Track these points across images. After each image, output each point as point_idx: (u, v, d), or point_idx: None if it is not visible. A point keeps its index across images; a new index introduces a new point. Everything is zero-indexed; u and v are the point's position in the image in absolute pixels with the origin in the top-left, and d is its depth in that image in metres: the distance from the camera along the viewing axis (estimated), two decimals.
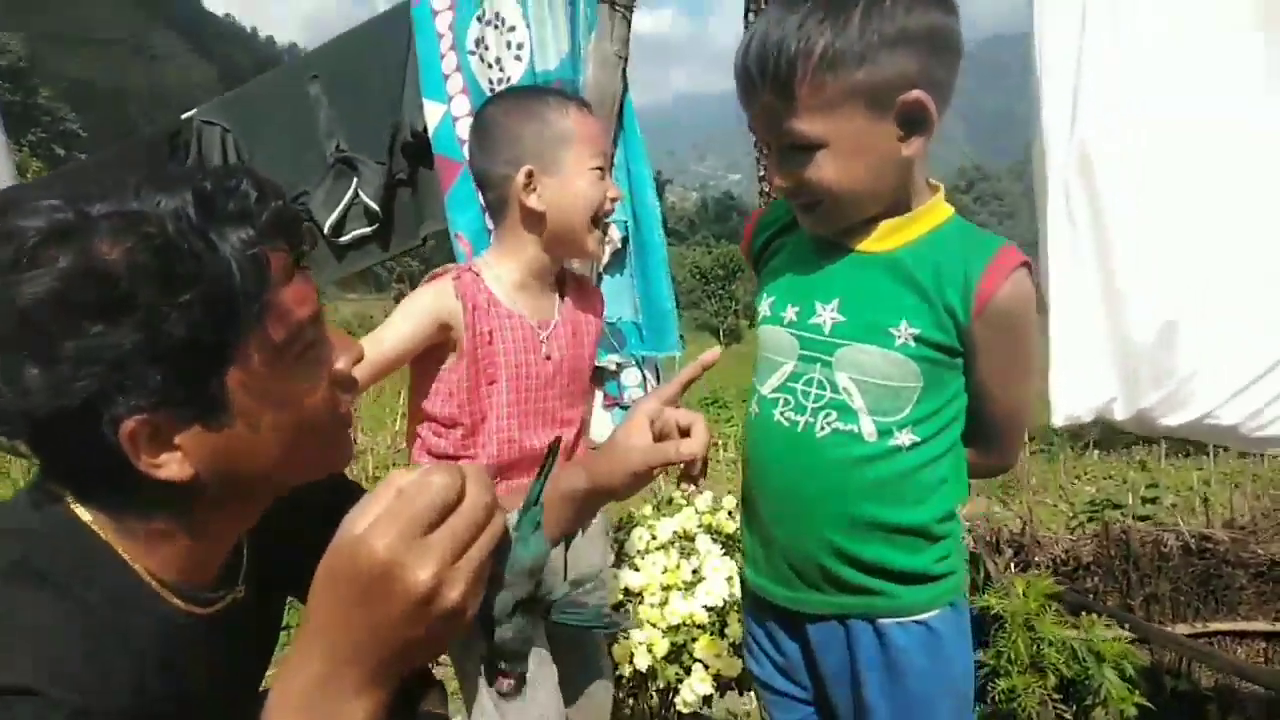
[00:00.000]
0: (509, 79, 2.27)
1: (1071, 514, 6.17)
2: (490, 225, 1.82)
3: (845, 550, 1.21)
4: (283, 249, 0.77)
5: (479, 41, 2.30)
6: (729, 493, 2.79)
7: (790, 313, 1.24)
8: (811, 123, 1.09)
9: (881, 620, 1.24)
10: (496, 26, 2.26)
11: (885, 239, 1.18)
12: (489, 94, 2.30)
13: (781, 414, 1.24)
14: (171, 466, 0.73)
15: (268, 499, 0.87)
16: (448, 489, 0.62)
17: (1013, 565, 3.73)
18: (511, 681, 0.82)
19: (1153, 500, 6.40)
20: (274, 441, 0.78)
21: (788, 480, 1.25)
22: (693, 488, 1.05)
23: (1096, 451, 7.93)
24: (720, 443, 11.23)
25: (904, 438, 1.18)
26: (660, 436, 1.04)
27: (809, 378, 1.21)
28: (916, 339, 1.14)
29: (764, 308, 1.29)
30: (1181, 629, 3.60)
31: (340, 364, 0.86)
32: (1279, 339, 1.82)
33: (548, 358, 1.58)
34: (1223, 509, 5.63)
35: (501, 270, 1.56)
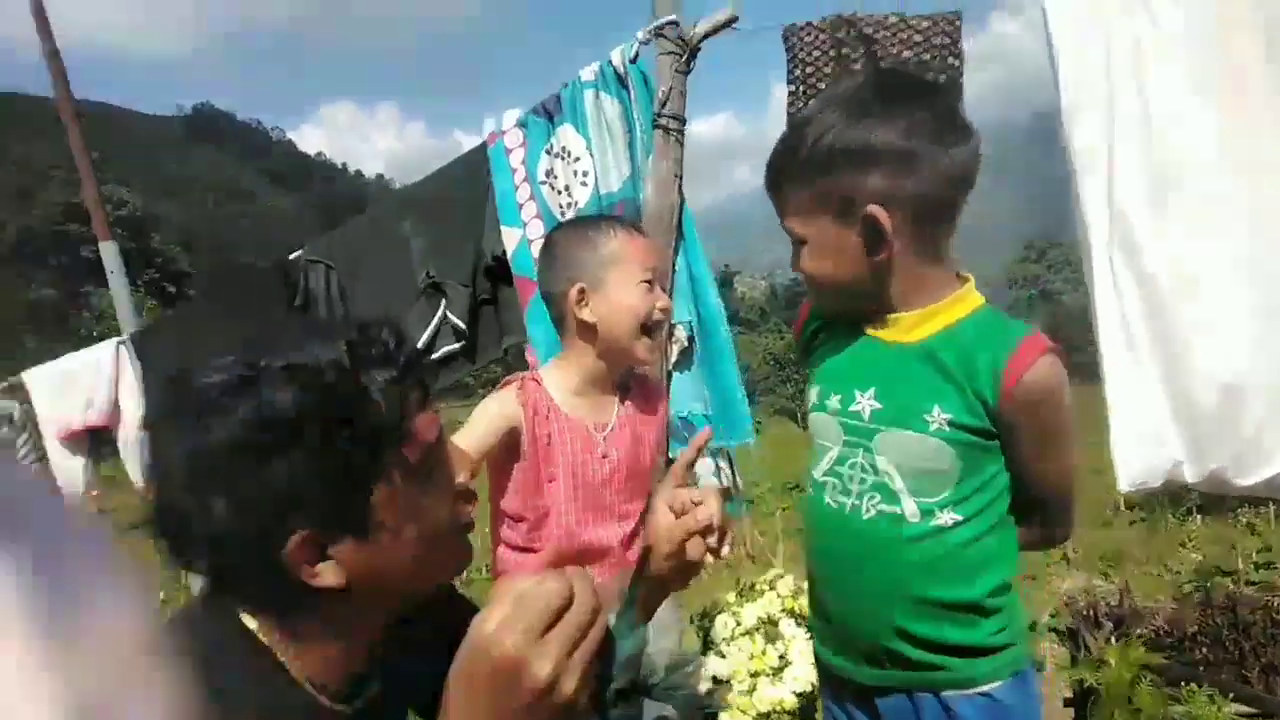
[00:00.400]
0: (576, 203, 2.50)
1: (1179, 584, 5.87)
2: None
3: (901, 627, 1.27)
4: (417, 385, 0.90)
5: (549, 172, 2.56)
6: None
7: (834, 400, 1.33)
8: (793, 221, 1.25)
9: (946, 693, 1.27)
10: (564, 158, 2.52)
11: (915, 329, 1.27)
12: (559, 217, 2.54)
13: (831, 497, 1.32)
14: (328, 576, 0.84)
15: (399, 604, 0.97)
16: (560, 593, 0.73)
17: (1112, 639, 3.60)
18: None
19: (1267, 565, 6.04)
20: (411, 549, 0.89)
21: (842, 560, 1.33)
22: (714, 560, 1.14)
23: (1200, 517, 7.52)
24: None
25: (946, 517, 1.23)
26: (679, 515, 1.10)
27: (853, 461, 1.29)
28: (950, 424, 1.21)
29: (812, 395, 1.40)
30: None
31: (460, 478, 0.98)
32: None
33: (605, 457, 1.72)
34: None
35: (561, 377, 1.72)
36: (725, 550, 1.12)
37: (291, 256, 2.99)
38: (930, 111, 1.18)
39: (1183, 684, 2.38)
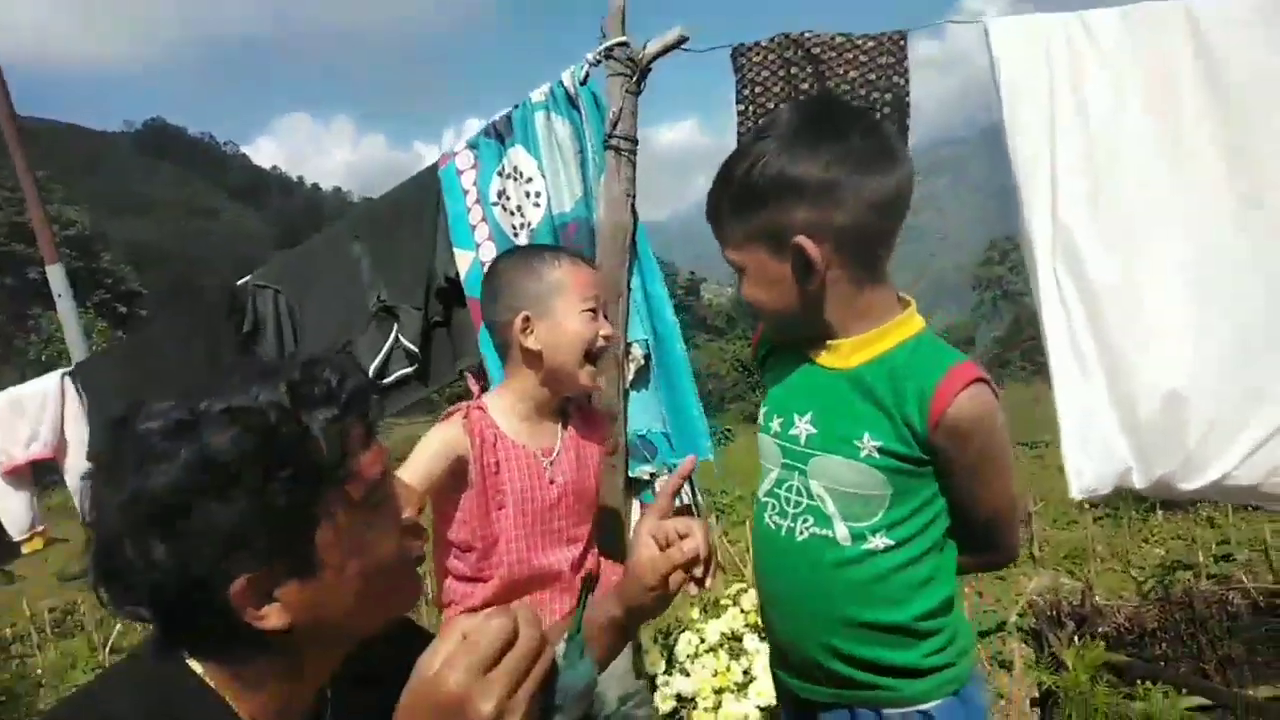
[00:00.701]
0: (529, 224, 2.49)
1: (1142, 579, 5.99)
2: None
3: (836, 647, 1.28)
4: (359, 423, 0.89)
5: (501, 193, 2.54)
6: None
7: (776, 423, 1.35)
8: (731, 252, 1.27)
9: (886, 710, 1.28)
10: (515, 179, 2.50)
11: (852, 355, 1.28)
12: (512, 239, 2.52)
13: (770, 518, 1.34)
14: (272, 618, 0.83)
15: (352, 642, 0.97)
16: (505, 630, 0.74)
17: (1075, 638, 3.66)
18: None
19: (1226, 558, 6.17)
20: (355, 587, 0.88)
21: (780, 580, 1.35)
22: (698, 590, 1.14)
23: (1162, 512, 7.67)
24: None
25: (878, 541, 1.24)
26: (664, 547, 1.11)
27: (790, 484, 1.31)
28: (880, 450, 1.22)
29: (760, 417, 1.41)
30: (1264, 691, 3.44)
31: (407, 513, 0.97)
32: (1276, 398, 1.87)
33: (552, 482, 1.73)
34: None
35: (505, 404, 1.74)
36: (709, 581, 1.13)
37: (240, 282, 2.94)
38: (860, 140, 1.19)
39: (1140, 681, 2.42)
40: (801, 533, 1.29)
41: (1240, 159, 1.91)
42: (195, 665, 0.87)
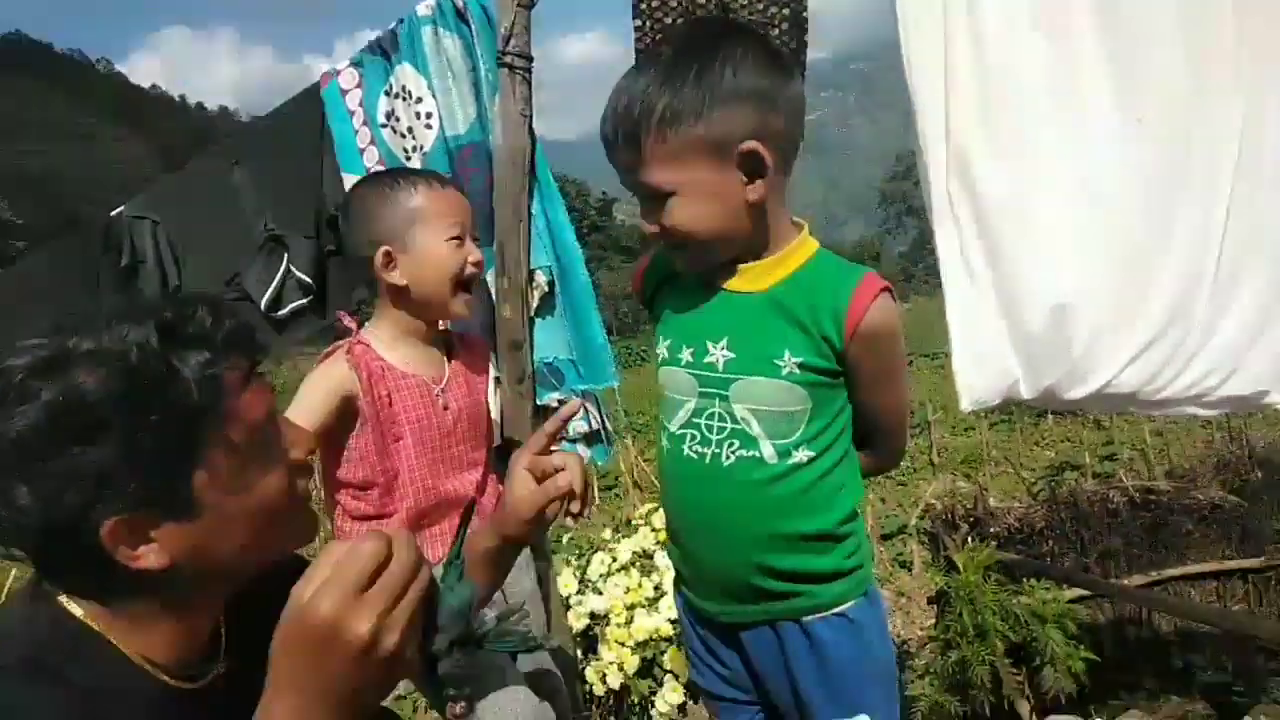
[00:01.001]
0: (422, 146, 2.38)
1: (1032, 480, 6.35)
2: None
3: (765, 564, 1.33)
4: (238, 363, 0.87)
5: (390, 114, 2.41)
6: None
7: (686, 354, 1.36)
8: (660, 173, 1.23)
9: (806, 618, 1.35)
10: (404, 99, 2.37)
11: (761, 279, 1.31)
12: (405, 162, 2.41)
13: (690, 448, 1.35)
14: (149, 558, 0.82)
15: (242, 579, 0.96)
16: (377, 553, 0.74)
17: (970, 539, 3.87)
18: (462, 704, 0.93)
19: (1110, 457, 6.60)
20: (240, 527, 0.88)
21: (705, 508, 1.37)
22: (574, 521, 1.20)
23: (1052, 417, 8.12)
24: None
25: (801, 455, 1.30)
26: (540, 481, 1.16)
27: (710, 412, 1.33)
28: (800, 366, 1.27)
29: (662, 350, 1.41)
30: (1138, 580, 3.70)
31: (295, 453, 0.96)
32: (1163, 307, 1.94)
33: (446, 408, 1.71)
34: (1177, 457, 5.84)
35: (386, 337, 1.69)
36: (586, 511, 1.19)
37: (114, 213, 2.74)
38: (773, 50, 1.23)
39: (1028, 578, 2.57)
40: (728, 457, 1.31)
41: (1126, 77, 1.95)
42: (75, 608, 0.85)
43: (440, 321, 1.77)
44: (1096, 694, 2.60)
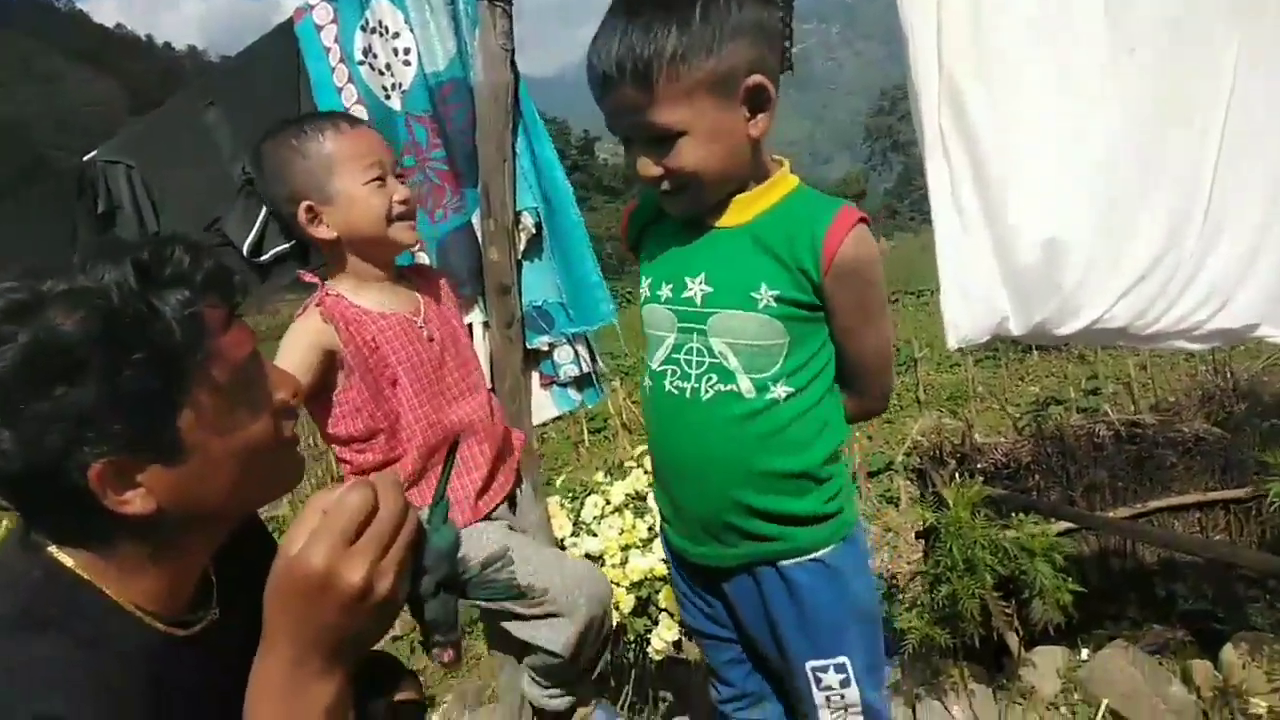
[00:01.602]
0: (400, 84, 2.31)
1: (1018, 415, 6.42)
2: None
3: (743, 501, 1.33)
4: (218, 304, 0.86)
5: (366, 51, 2.32)
6: None
7: (665, 290, 1.35)
8: (671, 113, 1.18)
9: (783, 563, 1.36)
10: (381, 34, 2.29)
11: (741, 213, 1.30)
12: (385, 101, 2.34)
13: (670, 384, 1.35)
14: (136, 503, 0.82)
15: (230, 523, 0.97)
16: (365, 502, 0.75)
17: (957, 475, 3.91)
18: (451, 653, 0.93)
19: (1094, 391, 6.67)
20: (227, 470, 0.88)
21: (684, 444, 1.37)
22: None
23: (1037, 353, 8.17)
24: None
25: (780, 390, 1.29)
26: None
27: (689, 347, 1.33)
28: (778, 299, 1.26)
29: (644, 289, 1.40)
30: (1123, 512, 3.76)
31: (280, 395, 0.96)
32: (1154, 242, 1.93)
33: (431, 339, 1.67)
34: (1161, 390, 5.91)
35: (350, 286, 1.63)
36: None
37: (86, 158, 2.66)
38: None
39: (1015, 513, 2.61)
40: (706, 392, 1.31)
41: (1119, 6, 1.91)
42: (65, 558, 0.85)
43: (393, 256, 1.71)
44: (1082, 624, 2.66)
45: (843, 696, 1.41)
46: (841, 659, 1.39)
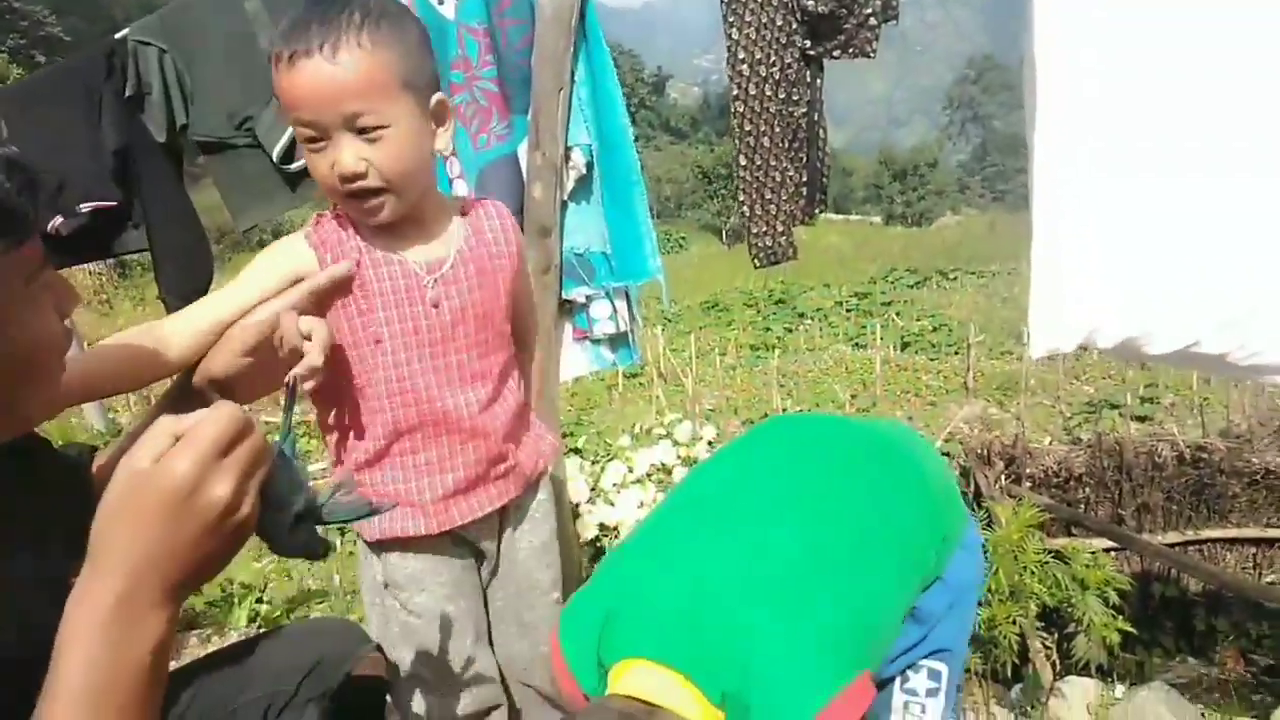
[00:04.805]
0: None
1: (1069, 415, 6.13)
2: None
3: None
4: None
5: None
6: (728, 400, 2.73)
7: None
8: None
9: None
10: None
11: None
12: (436, 5, 2.12)
13: None
14: None
15: None
16: (235, 420, 0.72)
17: (1004, 478, 3.71)
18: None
19: (1151, 400, 6.36)
20: None
21: None
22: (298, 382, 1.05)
23: (1097, 352, 7.82)
24: (720, 349, 11.14)
25: None
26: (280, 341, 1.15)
27: None
28: None
29: None
30: (1173, 537, 3.59)
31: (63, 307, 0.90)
32: (1261, 272, 1.75)
33: (435, 306, 1.29)
34: (1222, 408, 5.58)
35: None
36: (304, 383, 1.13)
37: (117, 37, 2.48)
38: None
39: (1061, 526, 2.42)
40: None
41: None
42: None
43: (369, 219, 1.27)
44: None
45: (923, 709, 1.31)
46: (940, 666, 1.30)
